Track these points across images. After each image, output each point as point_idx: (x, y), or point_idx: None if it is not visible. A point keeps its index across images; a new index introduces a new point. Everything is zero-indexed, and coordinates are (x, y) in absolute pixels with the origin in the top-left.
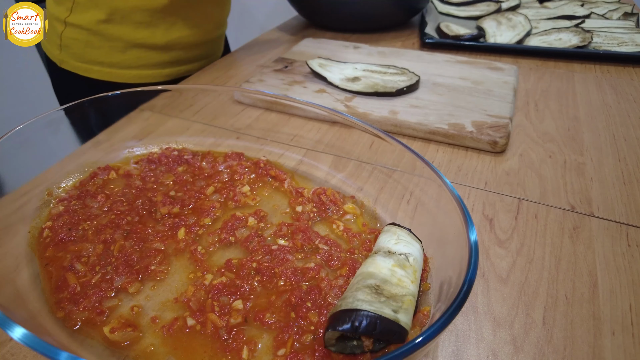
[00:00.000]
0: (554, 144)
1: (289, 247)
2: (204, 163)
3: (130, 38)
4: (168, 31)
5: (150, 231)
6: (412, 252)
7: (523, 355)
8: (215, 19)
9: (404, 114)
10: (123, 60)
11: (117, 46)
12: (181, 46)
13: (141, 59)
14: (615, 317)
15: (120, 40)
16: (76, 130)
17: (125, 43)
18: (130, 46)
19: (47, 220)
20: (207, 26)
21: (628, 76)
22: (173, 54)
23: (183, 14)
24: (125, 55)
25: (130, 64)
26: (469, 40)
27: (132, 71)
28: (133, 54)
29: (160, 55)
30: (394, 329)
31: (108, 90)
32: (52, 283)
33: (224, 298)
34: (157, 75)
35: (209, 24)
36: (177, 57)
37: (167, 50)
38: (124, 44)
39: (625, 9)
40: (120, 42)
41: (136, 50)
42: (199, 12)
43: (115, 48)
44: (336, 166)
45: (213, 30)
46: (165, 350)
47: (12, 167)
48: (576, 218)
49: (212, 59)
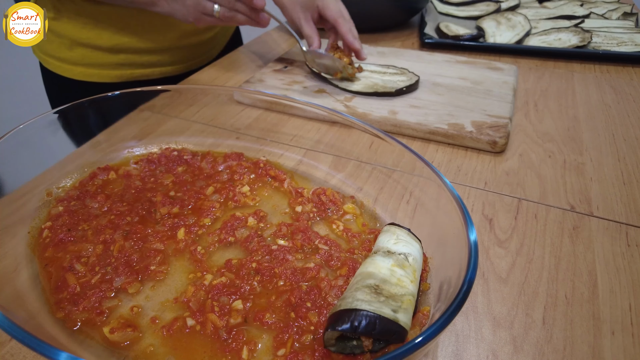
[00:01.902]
0: (553, 144)
1: (288, 247)
2: (204, 163)
3: (76, 37)
4: (115, 35)
5: (150, 231)
6: (411, 252)
7: (523, 355)
8: (182, 28)
9: (404, 114)
10: (70, 57)
11: (65, 43)
12: (132, 50)
13: (87, 58)
14: (614, 317)
15: (67, 37)
16: (76, 131)
17: (71, 41)
18: (76, 44)
19: (46, 220)
20: (169, 34)
21: (627, 76)
22: (123, 57)
23: (134, 21)
24: (71, 52)
25: (77, 61)
26: (469, 40)
27: (78, 68)
28: (79, 51)
29: (108, 56)
30: (393, 329)
31: (66, 84)
32: (52, 283)
33: (224, 298)
34: (105, 76)
35: (172, 32)
36: (128, 60)
37: (115, 53)
38: (70, 42)
39: (624, 9)
40: (67, 40)
41: (82, 48)
42: (156, 19)
43: (63, 44)
44: (336, 166)
45: (180, 39)
46: (165, 351)
47: (12, 167)
48: (576, 218)
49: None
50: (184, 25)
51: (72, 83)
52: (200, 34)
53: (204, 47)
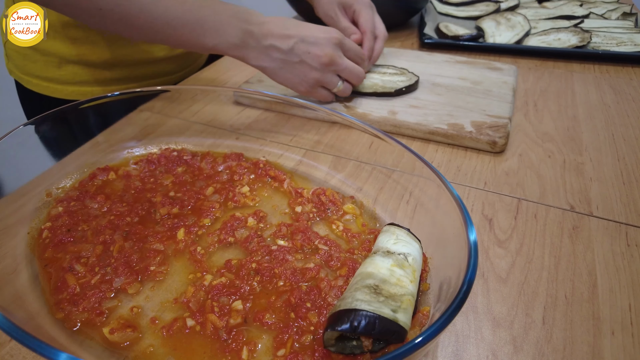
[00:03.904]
0: (553, 144)
1: (288, 247)
2: (204, 163)
3: (65, 54)
4: (109, 48)
5: (149, 232)
6: (411, 251)
7: (523, 355)
8: None
9: (403, 114)
10: (60, 76)
11: (53, 61)
12: (126, 63)
13: (79, 75)
14: (614, 317)
15: (55, 55)
16: (75, 131)
17: (60, 59)
18: (65, 62)
19: (46, 221)
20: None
21: (627, 76)
22: (117, 72)
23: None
24: (61, 71)
25: (67, 80)
26: (468, 40)
27: (70, 87)
28: (69, 69)
29: (101, 72)
30: (393, 329)
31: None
32: (52, 284)
33: (224, 298)
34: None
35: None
36: (122, 74)
37: (109, 68)
38: (59, 60)
39: (624, 9)
40: (55, 58)
41: (72, 66)
42: None
43: (51, 63)
44: (335, 166)
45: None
46: (164, 351)
47: (11, 168)
48: (575, 218)
49: (182, 74)
50: None
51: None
52: None
53: (193, 56)
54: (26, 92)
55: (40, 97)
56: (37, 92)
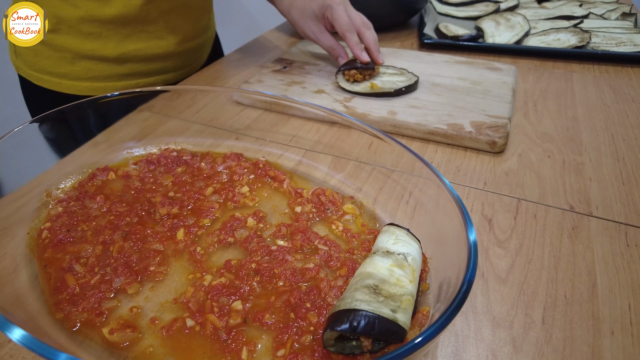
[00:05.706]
0: (552, 144)
1: (288, 247)
2: (203, 164)
3: (79, 49)
4: (121, 43)
5: (149, 232)
6: (410, 252)
7: (522, 355)
8: (184, 32)
9: (403, 115)
10: (72, 72)
11: (66, 57)
12: (138, 59)
13: (92, 71)
14: (614, 317)
15: (68, 51)
16: (75, 131)
17: (74, 54)
18: (79, 57)
19: (46, 221)
20: (171, 39)
21: (626, 76)
22: (128, 67)
23: (138, 27)
24: (74, 67)
25: (80, 76)
26: (468, 40)
27: (82, 83)
28: (82, 65)
29: (113, 67)
30: (393, 329)
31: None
32: (51, 284)
33: (223, 299)
34: (111, 88)
35: (173, 36)
36: (133, 69)
37: (121, 63)
38: (72, 55)
39: (623, 9)
40: (69, 53)
41: (86, 61)
42: (159, 24)
43: (64, 59)
44: (335, 167)
45: (181, 43)
46: (164, 351)
47: (12, 168)
48: (575, 218)
49: (188, 70)
50: (185, 29)
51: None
52: (197, 37)
53: (199, 51)
54: (33, 89)
55: (49, 94)
56: (47, 88)
